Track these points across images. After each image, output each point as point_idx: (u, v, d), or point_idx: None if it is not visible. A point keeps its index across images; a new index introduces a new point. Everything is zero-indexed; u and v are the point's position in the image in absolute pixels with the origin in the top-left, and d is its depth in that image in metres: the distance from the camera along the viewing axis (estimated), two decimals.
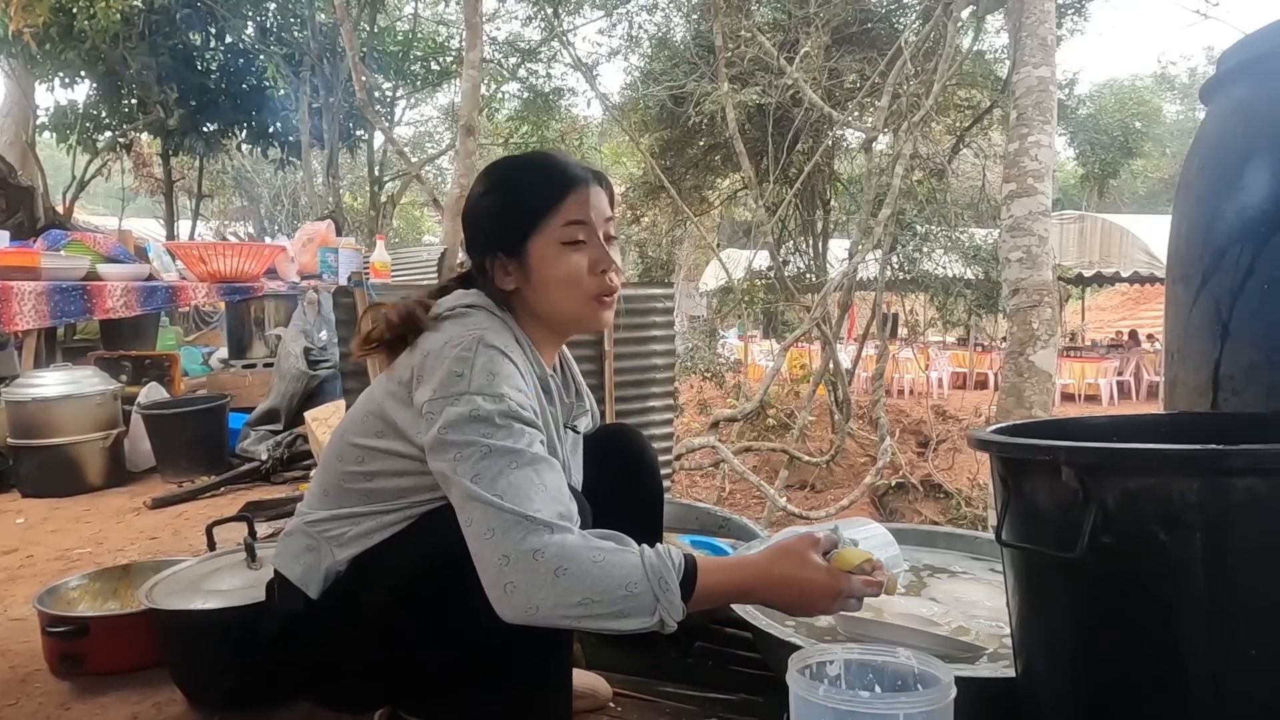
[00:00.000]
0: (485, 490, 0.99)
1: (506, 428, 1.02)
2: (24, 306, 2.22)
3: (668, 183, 9.46)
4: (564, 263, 1.17)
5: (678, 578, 0.99)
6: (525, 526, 0.97)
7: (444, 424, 1.02)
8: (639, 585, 0.96)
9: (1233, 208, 1.21)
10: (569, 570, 0.95)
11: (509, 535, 0.96)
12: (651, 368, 2.97)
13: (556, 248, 1.17)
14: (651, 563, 0.98)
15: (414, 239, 22.32)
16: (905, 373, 12.62)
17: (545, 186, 1.18)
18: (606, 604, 0.96)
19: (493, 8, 12.94)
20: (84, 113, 10.32)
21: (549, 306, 1.20)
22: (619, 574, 0.96)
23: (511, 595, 0.96)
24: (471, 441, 1.01)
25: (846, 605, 1.07)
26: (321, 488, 1.19)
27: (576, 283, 1.17)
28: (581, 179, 1.19)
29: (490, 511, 0.98)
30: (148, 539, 2.77)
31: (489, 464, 1.00)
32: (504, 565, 0.96)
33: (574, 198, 1.17)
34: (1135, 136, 21.82)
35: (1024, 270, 3.92)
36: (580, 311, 1.20)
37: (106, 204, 18.50)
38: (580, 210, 1.17)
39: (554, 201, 1.17)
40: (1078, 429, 1.13)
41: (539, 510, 0.98)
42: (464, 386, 1.03)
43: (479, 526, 0.98)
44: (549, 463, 1.05)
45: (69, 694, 1.61)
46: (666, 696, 1.52)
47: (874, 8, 9.47)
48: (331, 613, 1.14)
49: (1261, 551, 0.77)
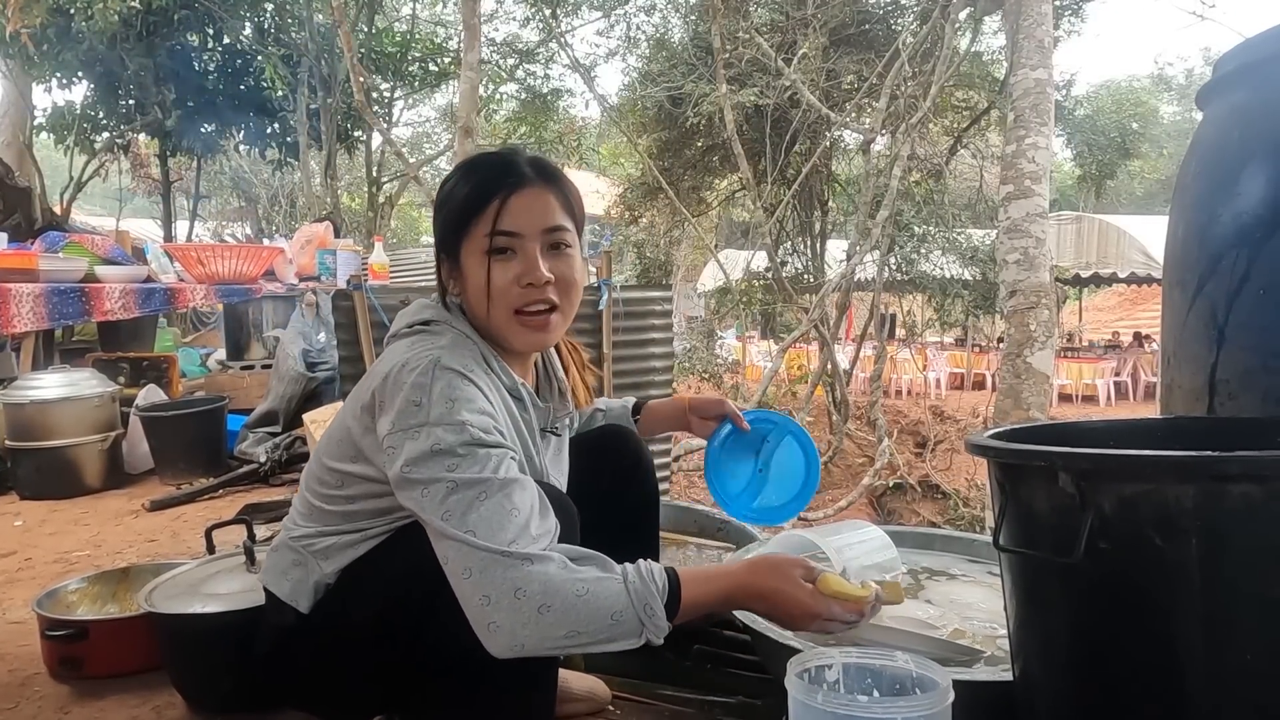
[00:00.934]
0: (456, 529, 0.96)
1: (470, 456, 0.99)
2: (22, 308, 2.22)
3: (666, 184, 9.47)
4: (483, 273, 1.10)
5: (662, 600, 0.98)
6: (503, 563, 0.95)
7: (406, 461, 1.00)
8: (624, 614, 0.96)
9: (1229, 213, 1.21)
10: (553, 607, 0.94)
11: (487, 574, 0.95)
12: (650, 370, 2.97)
13: (479, 256, 1.11)
14: (635, 588, 0.97)
15: (412, 240, 22.30)
16: (903, 373, 12.64)
17: (474, 188, 1.12)
18: (592, 634, 0.96)
19: (491, 9, 12.95)
20: (81, 113, 10.31)
21: (481, 318, 1.14)
22: (603, 604, 0.95)
23: (496, 634, 0.95)
24: (436, 478, 0.98)
25: (825, 628, 1.06)
26: (305, 507, 1.18)
27: (495, 296, 1.11)
28: (514, 182, 1.11)
29: (464, 550, 0.96)
30: (146, 541, 2.77)
31: (457, 499, 0.97)
32: (485, 605, 0.95)
33: (501, 203, 1.10)
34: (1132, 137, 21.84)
35: (1021, 272, 3.93)
36: (501, 327, 1.13)
37: (104, 204, 18.46)
38: (506, 218, 1.10)
39: (480, 206, 1.10)
40: (1075, 433, 1.13)
41: (514, 543, 0.96)
42: (423, 418, 1.00)
43: (455, 565, 0.97)
44: (519, 483, 1.02)
45: (68, 697, 1.61)
46: (665, 699, 1.52)
47: (871, 9, 9.47)
48: (323, 625, 1.14)
49: (1257, 556, 0.77)
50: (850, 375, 9.40)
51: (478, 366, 1.10)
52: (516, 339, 1.14)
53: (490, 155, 1.19)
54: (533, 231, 1.11)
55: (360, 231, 11.75)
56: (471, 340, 1.14)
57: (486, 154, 1.20)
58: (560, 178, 1.17)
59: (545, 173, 1.15)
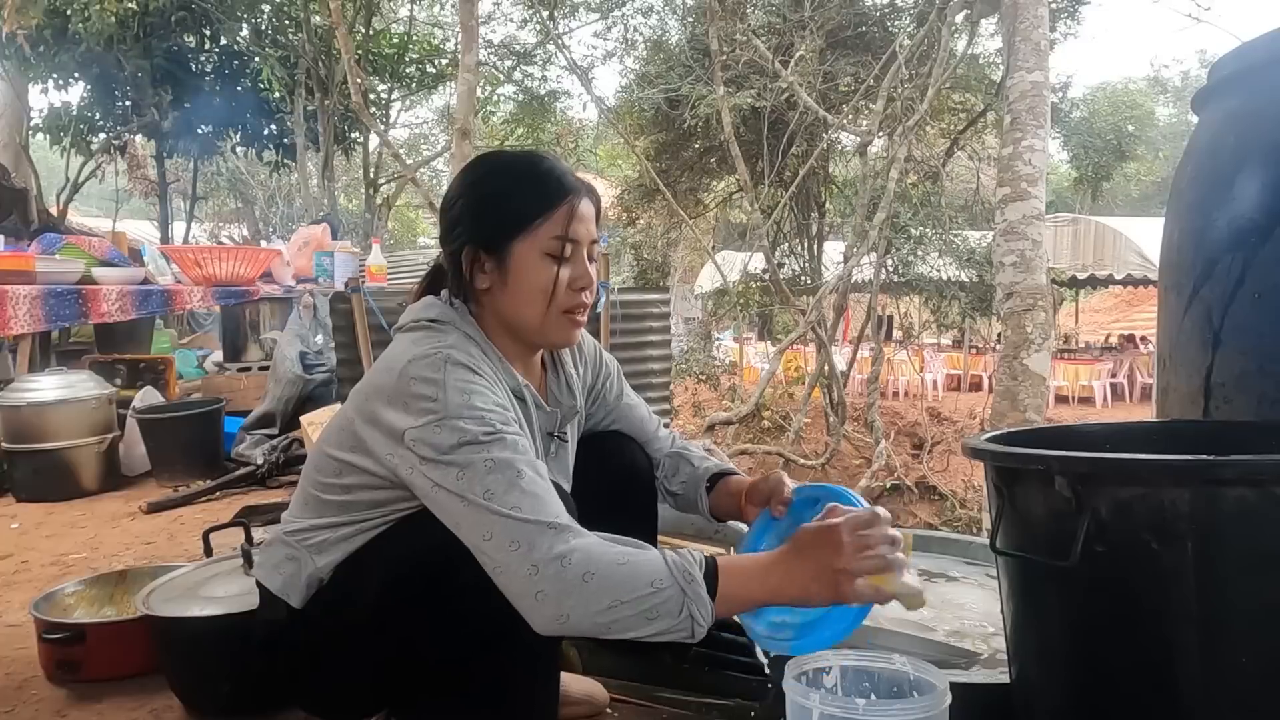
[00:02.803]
0: (500, 505, 0.98)
1: (498, 440, 1.02)
2: (19, 310, 2.22)
3: (663, 185, 9.47)
4: (544, 273, 1.15)
5: (701, 570, 0.97)
6: (550, 534, 0.97)
7: (435, 451, 1.01)
8: (664, 581, 0.95)
9: (1224, 217, 1.22)
10: (595, 574, 0.95)
11: (535, 545, 0.96)
12: (648, 372, 2.98)
13: (539, 256, 1.15)
14: (674, 560, 0.98)
15: (409, 241, 22.30)
16: (900, 375, 12.64)
17: (541, 191, 1.16)
18: (634, 604, 0.94)
19: (488, 10, 12.94)
20: (78, 115, 10.31)
21: (517, 312, 1.17)
22: (644, 572, 0.96)
23: (543, 604, 0.95)
24: (470, 460, 1.00)
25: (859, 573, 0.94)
26: (302, 498, 1.19)
27: (557, 295, 1.16)
28: (577, 190, 1.17)
29: (511, 524, 0.98)
30: (143, 544, 2.77)
31: (496, 478, 0.99)
32: (533, 575, 0.96)
33: (568, 210, 1.16)
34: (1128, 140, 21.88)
35: (1018, 274, 3.94)
36: (548, 325, 1.18)
37: (100, 205, 18.42)
38: (572, 225, 1.15)
39: (548, 208, 1.15)
40: (1071, 437, 1.14)
41: (558, 515, 0.99)
42: (442, 411, 1.02)
43: (501, 540, 0.98)
44: (543, 466, 1.06)
45: (65, 701, 1.61)
46: (663, 702, 1.52)
47: (868, 11, 9.48)
48: (317, 621, 1.13)
49: (1252, 560, 0.78)
50: (847, 377, 9.40)
51: (484, 364, 1.12)
52: (559, 334, 1.20)
53: (543, 158, 1.21)
54: (586, 239, 1.18)
55: (357, 232, 11.75)
56: (475, 341, 1.16)
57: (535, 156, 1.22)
58: (595, 191, 1.24)
59: (586, 185, 1.21)
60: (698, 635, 0.96)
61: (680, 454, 1.45)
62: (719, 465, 1.42)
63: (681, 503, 1.43)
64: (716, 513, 1.39)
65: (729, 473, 1.40)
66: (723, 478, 1.39)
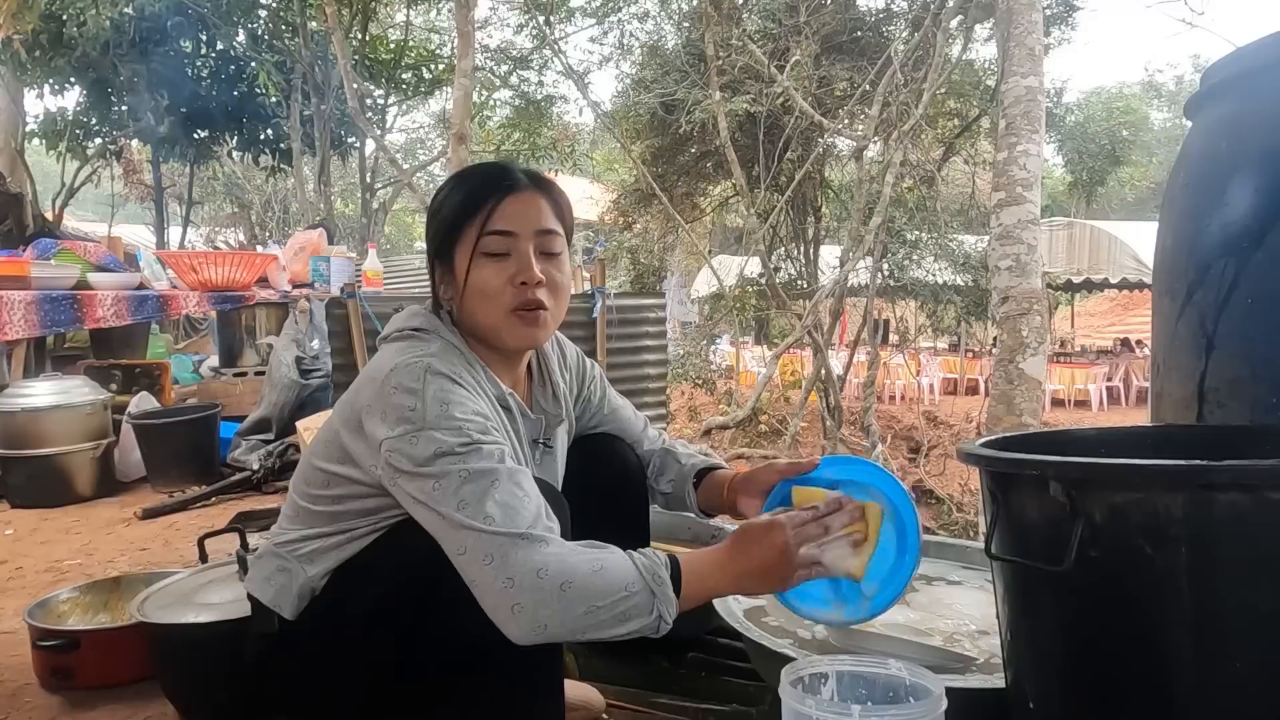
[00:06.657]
0: (473, 517, 0.98)
1: (474, 450, 1.02)
2: (13, 316, 2.22)
3: (659, 190, 9.48)
4: (479, 273, 1.14)
5: (667, 570, 1.01)
6: (523, 546, 0.97)
7: (411, 462, 1.01)
8: (635, 584, 0.98)
9: (1217, 222, 1.23)
10: (573, 583, 0.96)
11: (509, 558, 0.97)
12: (644, 376, 2.98)
13: (478, 258, 1.15)
14: (642, 562, 1.00)
15: (405, 246, 22.30)
16: (896, 379, 12.65)
17: (467, 193, 1.17)
18: (609, 608, 0.97)
19: (484, 15, 12.97)
20: (74, 119, 10.30)
21: (473, 319, 1.17)
22: (617, 577, 0.98)
23: (519, 616, 0.96)
24: (446, 471, 1.01)
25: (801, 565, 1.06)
26: (291, 510, 1.19)
27: (492, 295, 1.14)
28: (507, 187, 1.16)
29: (483, 537, 0.98)
30: (138, 550, 2.76)
31: (471, 489, 1.00)
32: (508, 588, 0.96)
33: (495, 205, 1.14)
34: (1123, 144, 21.99)
35: (1013, 278, 3.95)
36: (498, 325, 1.16)
37: (96, 210, 18.41)
38: (500, 219, 1.14)
39: (474, 208, 1.15)
40: (1066, 441, 1.14)
41: (532, 526, 0.99)
42: (420, 422, 1.02)
43: (475, 553, 0.98)
44: (524, 472, 1.05)
45: (59, 708, 1.61)
46: (659, 708, 1.52)
47: (863, 17, 9.51)
48: (310, 631, 1.13)
49: (1246, 565, 0.78)
50: (844, 381, 9.41)
51: (466, 373, 1.12)
52: (511, 335, 1.17)
53: (483, 164, 1.25)
54: (526, 231, 1.15)
55: (353, 237, 11.75)
56: (459, 350, 1.16)
57: (480, 164, 1.26)
58: (552, 185, 1.22)
59: (537, 180, 1.20)
60: (663, 631, 1.00)
61: (668, 451, 1.46)
62: (705, 460, 1.43)
63: (671, 501, 1.44)
64: (705, 507, 1.39)
65: (715, 466, 1.41)
66: (709, 472, 1.40)
